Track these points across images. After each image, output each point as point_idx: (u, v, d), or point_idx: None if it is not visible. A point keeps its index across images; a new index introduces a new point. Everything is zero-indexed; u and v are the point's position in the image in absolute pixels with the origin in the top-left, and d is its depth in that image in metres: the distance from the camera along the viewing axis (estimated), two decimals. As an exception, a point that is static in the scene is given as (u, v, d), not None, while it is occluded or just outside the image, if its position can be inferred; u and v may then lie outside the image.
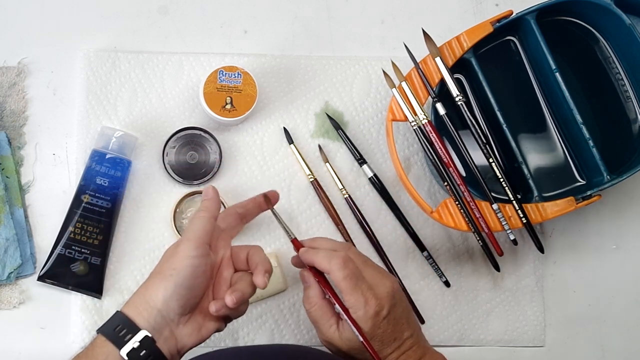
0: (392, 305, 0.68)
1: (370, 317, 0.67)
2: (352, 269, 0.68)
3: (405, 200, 0.87)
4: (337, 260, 0.68)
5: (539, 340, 0.88)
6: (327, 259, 0.68)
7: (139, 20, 0.87)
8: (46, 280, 0.79)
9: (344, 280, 0.67)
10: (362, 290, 0.67)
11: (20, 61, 0.84)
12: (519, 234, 0.82)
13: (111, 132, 0.81)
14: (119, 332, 0.62)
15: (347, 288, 0.67)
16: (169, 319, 0.64)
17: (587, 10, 0.83)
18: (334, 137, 0.87)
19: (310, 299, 0.71)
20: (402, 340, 0.69)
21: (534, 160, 0.85)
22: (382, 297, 0.68)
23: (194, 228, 0.66)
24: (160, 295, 0.63)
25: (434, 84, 0.79)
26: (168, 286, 0.63)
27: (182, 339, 0.65)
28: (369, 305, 0.67)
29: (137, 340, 0.62)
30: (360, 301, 0.67)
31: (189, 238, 0.65)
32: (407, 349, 0.69)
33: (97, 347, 0.62)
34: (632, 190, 0.91)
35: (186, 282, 0.64)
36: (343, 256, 0.68)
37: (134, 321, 0.63)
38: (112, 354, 0.61)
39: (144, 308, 0.63)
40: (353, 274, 0.68)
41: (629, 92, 0.85)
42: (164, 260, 0.66)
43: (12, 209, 0.80)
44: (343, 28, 0.90)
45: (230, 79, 0.81)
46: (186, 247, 0.65)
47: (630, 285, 0.90)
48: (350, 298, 0.67)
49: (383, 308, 0.67)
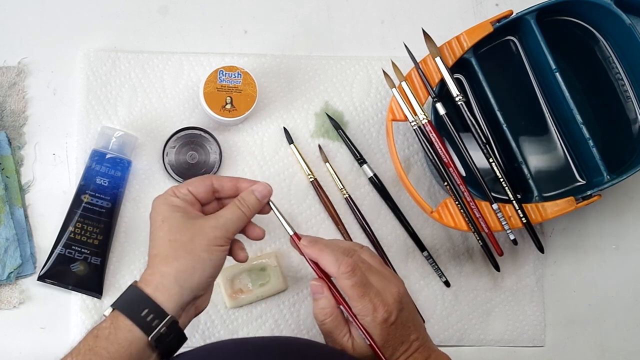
0: (400, 310, 0.68)
1: (378, 324, 0.67)
2: (360, 276, 0.67)
3: (405, 200, 0.87)
4: (344, 267, 0.67)
5: (539, 340, 0.88)
6: (335, 263, 0.68)
7: (139, 20, 0.87)
8: (46, 280, 0.79)
9: (351, 288, 0.67)
10: (370, 297, 0.67)
11: (20, 61, 0.84)
12: (519, 234, 0.82)
13: (111, 132, 0.81)
14: (147, 317, 0.60)
15: (355, 296, 0.67)
16: (197, 296, 0.64)
17: (587, 10, 0.83)
18: (334, 137, 0.87)
19: (324, 310, 0.69)
20: (410, 343, 0.69)
21: (534, 160, 0.85)
22: (390, 304, 0.67)
23: (232, 220, 0.66)
24: (197, 278, 0.62)
25: (434, 84, 0.79)
26: (208, 272, 0.63)
27: (201, 306, 0.66)
28: (378, 312, 0.67)
29: (165, 326, 0.60)
30: (369, 308, 0.67)
31: (224, 228, 0.65)
32: (414, 351, 0.69)
33: (122, 332, 0.60)
34: (632, 190, 0.91)
35: (218, 269, 0.65)
36: (351, 263, 0.67)
37: (163, 306, 0.61)
38: (138, 340, 0.60)
39: (176, 292, 0.61)
40: (361, 281, 0.67)
41: (629, 92, 0.85)
42: (184, 238, 0.63)
43: (12, 209, 0.80)
44: (343, 28, 0.90)
45: (230, 79, 0.81)
46: (218, 236, 0.64)
47: (630, 285, 0.90)
48: (358, 305, 0.67)
49: (391, 314, 0.67)
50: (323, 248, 0.69)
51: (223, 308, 0.83)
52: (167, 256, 0.63)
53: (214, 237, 0.64)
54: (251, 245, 0.84)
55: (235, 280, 0.82)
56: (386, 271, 0.71)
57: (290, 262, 0.84)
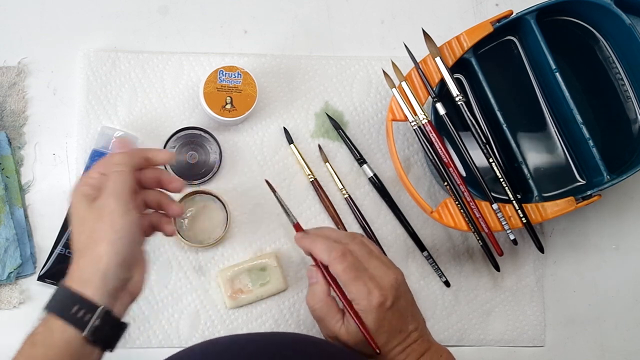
0: (396, 297, 0.68)
1: (374, 308, 0.67)
2: (351, 260, 0.68)
3: (405, 200, 0.87)
4: (335, 253, 0.68)
5: (539, 340, 0.88)
6: (326, 251, 0.69)
7: (139, 20, 0.87)
8: (46, 280, 0.79)
9: (343, 272, 0.68)
10: (364, 281, 0.67)
11: (20, 61, 0.84)
12: (519, 234, 0.82)
13: (111, 132, 0.81)
14: (77, 313, 0.58)
15: (348, 279, 0.68)
16: (124, 278, 0.61)
17: (587, 10, 0.83)
18: (334, 137, 0.87)
19: (316, 295, 0.71)
20: (408, 333, 0.69)
21: (534, 160, 0.85)
22: (386, 288, 0.68)
23: (115, 182, 0.62)
24: (113, 261, 0.59)
25: (434, 84, 0.79)
26: (120, 249, 0.60)
27: (135, 290, 0.63)
28: (372, 296, 0.67)
29: (98, 318, 0.59)
30: (363, 291, 0.67)
31: (113, 195, 0.61)
32: (412, 342, 0.69)
33: (57, 333, 0.58)
34: (632, 190, 0.91)
35: (135, 238, 0.62)
36: (341, 249, 0.68)
37: (90, 299, 0.59)
38: (74, 338, 0.58)
39: (99, 280, 0.59)
40: (353, 265, 0.68)
41: (629, 92, 0.85)
42: (90, 225, 0.61)
43: (12, 209, 0.80)
44: (343, 28, 0.90)
45: (230, 79, 0.81)
46: (118, 204, 0.61)
47: (630, 285, 0.90)
48: (352, 289, 0.68)
49: (387, 299, 0.67)
50: (315, 238, 0.71)
51: (223, 308, 0.83)
52: (81, 248, 0.61)
53: (110, 210, 0.61)
54: (251, 245, 0.84)
55: (235, 280, 0.82)
56: (385, 259, 0.72)
57: (290, 262, 0.84)
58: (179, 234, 0.81)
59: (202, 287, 0.83)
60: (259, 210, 0.84)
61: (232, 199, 0.83)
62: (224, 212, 0.82)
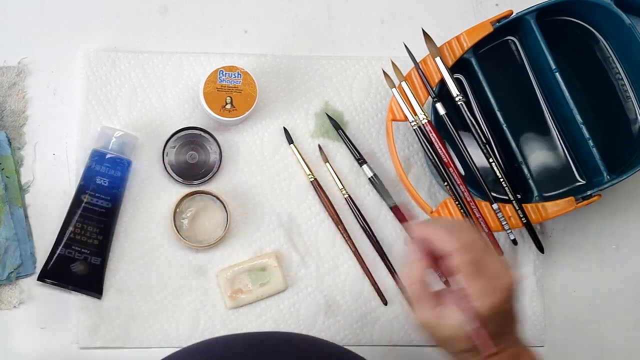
0: (508, 302, 0.63)
1: (487, 309, 0.61)
2: (475, 254, 0.62)
3: (406, 200, 0.87)
4: (460, 242, 0.62)
5: (539, 340, 0.88)
6: (450, 239, 0.62)
7: (139, 20, 0.87)
8: (46, 280, 0.79)
9: (467, 265, 0.61)
10: (486, 279, 0.62)
11: (20, 61, 0.84)
12: (519, 234, 0.82)
13: (111, 132, 0.81)
14: None
15: (469, 274, 0.61)
16: None
17: (587, 10, 0.83)
18: (334, 137, 0.87)
19: (414, 274, 0.64)
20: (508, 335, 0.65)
21: (534, 160, 0.85)
22: (504, 290, 0.62)
23: None
24: None
25: (434, 84, 0.79)
26: None
27: None
28: (491, 297, 0.61)
29: None
30: (481, 290, 0.61)
31: None
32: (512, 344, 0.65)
33: None
34: (632, 190, 0.91)
35: None
36: (468, 239, 0.62)
37: None
38: None
39: None
40: (476, 259, 0.62)
41: (629, 92, 0.85)
42: None
43: (12, 209, 0.80)
44: (343, 28, 0.90)
45: (230, 79, 0.81)
46: None
47: (630, 285, 0.90)
48: (471, 285, 0.61)
49: (503, 302, 0.62)
50: (436, 225, 0.65)
51: (223, 308, 0.83)
52: None
53: None
54: (251, 245, 0.84)
55: (235, 280, 0.82)
56: (500, 257, 0.67)
57: (291, 262, 0.84)
58: (178, 233, 0.81)
59: (202, 287, 0.83)
60: (259, 210, 0.84)
61: (232, 199, 0.84)
62: (224, 212, 0.83)
